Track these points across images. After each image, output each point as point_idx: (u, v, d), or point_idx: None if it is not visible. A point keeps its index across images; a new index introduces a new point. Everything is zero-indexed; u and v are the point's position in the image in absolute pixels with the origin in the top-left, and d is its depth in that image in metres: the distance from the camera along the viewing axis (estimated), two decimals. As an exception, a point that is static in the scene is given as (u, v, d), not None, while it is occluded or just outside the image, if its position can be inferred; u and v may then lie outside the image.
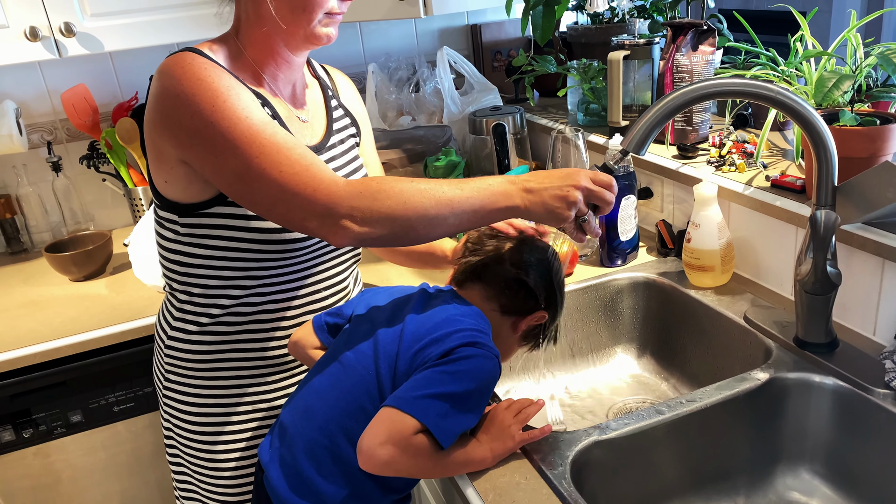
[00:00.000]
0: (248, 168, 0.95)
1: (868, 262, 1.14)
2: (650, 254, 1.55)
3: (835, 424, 1.09)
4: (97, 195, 2.10)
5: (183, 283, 1.15)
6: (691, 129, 1.58)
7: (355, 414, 0.92)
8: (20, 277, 1.87)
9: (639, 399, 1.39)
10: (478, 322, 0.97)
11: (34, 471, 1.59)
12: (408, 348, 0.93)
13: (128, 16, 1.69)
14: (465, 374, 0.89)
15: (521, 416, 1.00)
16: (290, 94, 1.17)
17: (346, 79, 1.33)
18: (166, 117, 1.00)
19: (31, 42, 1.61)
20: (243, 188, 0.98)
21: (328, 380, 0.97)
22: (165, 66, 1.01)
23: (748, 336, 1.24)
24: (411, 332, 0.94)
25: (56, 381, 1.54)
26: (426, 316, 0.97)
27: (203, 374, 1.17)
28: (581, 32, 2.01)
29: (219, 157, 0.97)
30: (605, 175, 1.00)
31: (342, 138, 1.22)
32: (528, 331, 1.05)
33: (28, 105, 1.97)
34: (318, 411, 0.95)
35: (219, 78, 0.99)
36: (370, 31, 2.29)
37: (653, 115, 1.06)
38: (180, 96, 0.97)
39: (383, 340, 0.95)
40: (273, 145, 0.96)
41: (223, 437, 1.19)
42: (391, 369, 0.93)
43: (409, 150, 1.84)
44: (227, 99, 0.97)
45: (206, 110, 0.96)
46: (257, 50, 1.10)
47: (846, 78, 1.16)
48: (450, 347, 0.90)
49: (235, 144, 0.95)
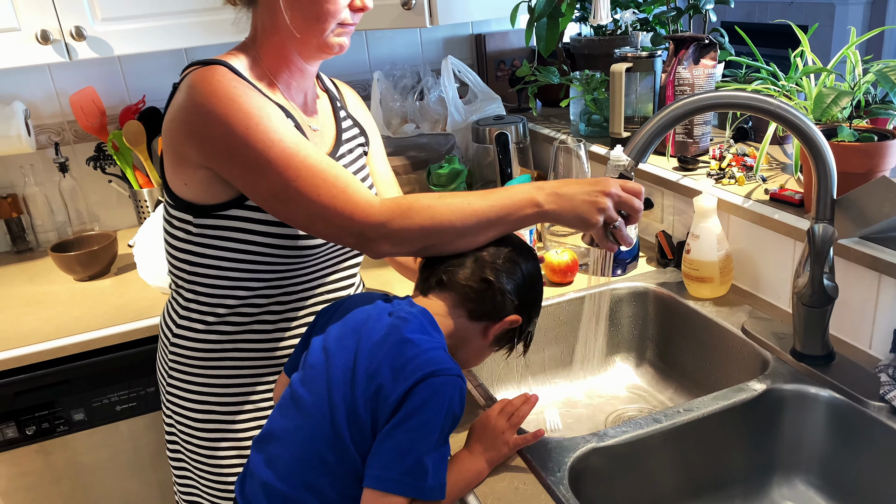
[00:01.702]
0: (286, 190, 0.99)
1: (865, 277, 1.16)
2: (650, 264, 1.57)
3: (830, 436, 1.11)
4: (103, 196, 2.12)
5: (190, 283, 1.16)
6: (692, 142, 1.60)
7: (316, 466, 0.88)
8: (25, 276, 1.88)
9: (637, 408, 1.41)
10: (430, 340, 0.91)
11: (36, 468, 1.61)
12: (364, 391, 0.87)
13: (137, 21, 1.71)
14: (433, 419, 0.85)
15: (515, 419, 0.99)
16: (303, 102, 1.19)
17: (353, 92, 1.36)
18: (195, 131, 1.02)
19: (42, 45, 1.63)
20: (280, 206, 1.02)
21: (288, 425, 0.92)
22: (196, 81, 1.02)
23: (746, 347, 1.26)
24: (364, 368, 0.89)
25: (59, 380, 1.56)
26: (378, 343, 0.90)
27: (207, 373, 1.19)
28: (584, 44, 2.03)
29: (254, 177, 1.00)
30: (633, 183, 1.02)
31: (351, 147, 1.24)
32: (500, 335, 1.01)
33: (37, 106, 1.99)
34: (280, 461, 0.90)
35: (248, 98, 1.01)
36: (376, 40, 2.31)
37: (654, 124, 1.08)
38: (212, 114, 0.99)
39: (336, 381, 0.89)
40: (308, 168, 0.99)
41: (226, 435, 1.20)
42: (349, 415, 0.87)
43: (412, 158, 1.86)
44: (259, 121, 0.99)
45: (239, 132, 0.98)
46: (272, 58, 1.12)
47: (844, 94, 1.18)
48: (405, 389, 0.85)
49: (271, 167, 0.99)
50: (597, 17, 1.72)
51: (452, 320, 0.98)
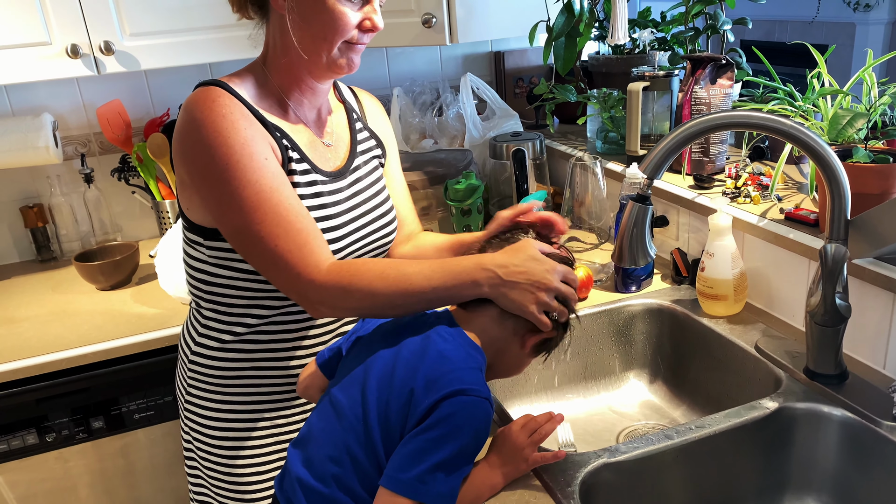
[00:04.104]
0: (249, 230, 1.02)
1: (879, 297, 1.16)
2: (664, 281, 1.57)
3: (842, 455, 1.10)
4: (126, 207, 2.16)
5: (209, 301, 1.18)
6: (708, 161, 1.61)
7: (348, 465, 0.91)
8: (49, 285, 1.92)
9: (649, 424, 1.41)
10: (468, 359, 0.94)
11: (54, 474, 1.63)
12: (398, 397, 0.90)
13: (164, 36, 1.75)
14: (453, 433, 0.87)
15: (537, 436, 0.99)
16: (315, 118, 1.20)
17: (374, 100, 1.36)
18: (186, 153, 1.05)
19: (72, 59, 1.67)
20: (240, 244, 1.05)
21: (325, 427, 0.95)
22: (191, 103, 1.05)
23: (759, 365, 1.26)
24: (400, 375, 0.92)
25: (80, 388, 1.58)
26: (416, 354, 0.94)
27: (225, 390, 1.20)
28: (602, 62, 2.05)
29: (224, 210, 1.03)
30: (572, 273, 1.03)
31: (366, 160, 1.25)
32: (537, 345, 1.03)
33: (64, 118, 2.04)
34: (316, 460, 0.94)
35: (235, 132, 1.02)
36: (396, 56, 2.35)
37: (669, 142, 1.09)
38: (199, 143, 1.02)
39: (372, 386, 0.93)
40: (275, 216, 1.02)
41: (243, 451, 1.21)
42: (381, 418, 0.90)
43: (430, 173, 1.88)
44: (240, 159, 1.01)
45: (219, 165, 1.01)
46: (283, 77, 1.13)
47: (860, 116, 1.19)
48: (434, 401, 0.88)
49: (241, 206, 1.01)
50: (615, 36, 1.74)
51: (492, 333, 1.00)
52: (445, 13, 1.81)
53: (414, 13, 1.82)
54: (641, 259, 1.19)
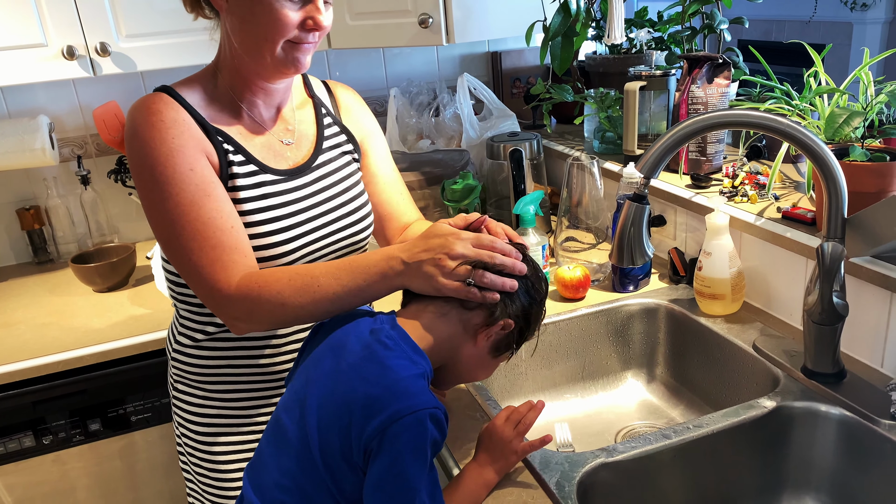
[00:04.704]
0: (170, 241, 1.04)
1: (877, 295, 1.16)
2: (662, 280, 1.57)
3: (840, 454, 1.10)
4: (123, 208, 2.16)
5: (181, 301, 1.19)
6: (705, 160, 1.61)
7: (294, 493, 0.88)
8: (46, 287, 1.92)
9: (647, 424, 1.41)
10: (411, 366, 0.89)
11: (51, 477, 1.63)
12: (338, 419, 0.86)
13: (160, 37, 1.75)
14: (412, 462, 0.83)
15: (522, 427, 0.99)
16: (273, 117, 1.18)
17: (351, 93, 1.32)
18: (128, 159, 1.07)
19: (68, 61, 1.67)
20: (166, 253, 1.07)
21: (272, 452, 0.92)
22: (131, 112, 1.06)
23: (757, 364, 1.26)
24: (340, 393, 0.88)
25: (77, 390, 1.58)
26: (354, 367, 0.89)
27: (204, 387, 1.21)
28: (599, 62, 2.05)
29: (150, 221, 1.06)
30: (487, 238, 0.97)
31: (334, 156, 1.22)
32: (497, 342, 0.97)
33: (61, 120, 2.03)
34: (265, 486, 0.91)
35: (162, 142, 1.02)
36: (393, 57, 2.34)
37: (665, 141, 1.10)
38: (132, 151, 1.05)
39: (311, 407, 0.89)
40: (192, 231, 1.02)
41: (224, 447, 1.23)
42: (322, 441, 0.87)
43: (427, 173, 1.88)
44: (163, 170, 1.02)
45: (145, 177, 1.03)
46: (233, 79, 1.12)
47: (857, 115, 1.19)
48: (377, 425, 0.83)
49: (162, 218, 1.03)
50: (611, 36, 1.74)
51: (439, 330, 0.95)
52: (442, 13, 1.81)
53: (410, 14, 1.82)
54: (639, 259, 1.19)
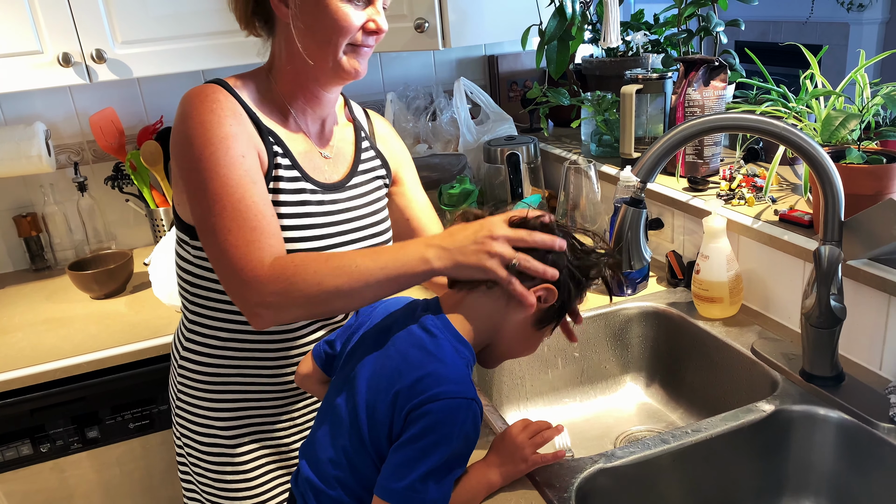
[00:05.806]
0: (206, 221, 1.03)
1: (874, 298, 1.16)
2: (660, 284, 1.57)
3: (839, 458, 1.10)
4: (120, 215, 2.15)
5: (194, 304, 1.18)
6: (702, 163, 1.61)
7: (345, 467, 0.92)
8: (43, 294, 1.91)
9: (646, 428, 1.40)
10: (454, 354, 0.91)
11: (49, 485, 1.62)
12: (384, 396, 0.90)
13: (156, 44, 1.75)
14: (441, 439, 0.85)
15: (538, 438, 0.99)
16: (318, 130, 1.20)
17: (386, 123, 1.35)
18: (174, 143, 1.08)
19: (64, 67, 1.66)
20: (202, 235, 1.05)
21: (325, 429, 0.97)
22: (187, 96, 1.07)
23: (755, 368, 1.25)
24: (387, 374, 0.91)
25: (75, 397, 1.58)
26: (401, 354, 0.92)
27: (213, 397, 1.20)
28: (595, 65, 2.05)
29: (192, 199, 1.05)
30: (519, 212, 0.96)
31: (367, 179, 1.23)
32: (540, 315, 0.96)
33: (57, 127, 2.03)
34: (319, 462, 0.95)
35: (220, 125, 1.03)
36: (389, 61, 2.34)
37: (662, 145, 1.10)
38: (183, 133, 1.04)
39: (361, 387, 0.93)
40: (233, 210, 1.01)
41: (232, 459, 1.21)
42: (369, 418, 0.90)
43: (424, 178, 1.86)
44: (214, 151, 1.02)
45: (195, 156, 1.03)
46: (287, 85, 1.14)
47: (853, 117, 1.18)
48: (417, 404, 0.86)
49: (205, 196, 1.02)
50: (607, 39, 1.74)
51: (483, 309, 0.95)
52: (438, 18, 1.81)
53: (406, 18, 1.82)
54: (636, 262, 1.19)
